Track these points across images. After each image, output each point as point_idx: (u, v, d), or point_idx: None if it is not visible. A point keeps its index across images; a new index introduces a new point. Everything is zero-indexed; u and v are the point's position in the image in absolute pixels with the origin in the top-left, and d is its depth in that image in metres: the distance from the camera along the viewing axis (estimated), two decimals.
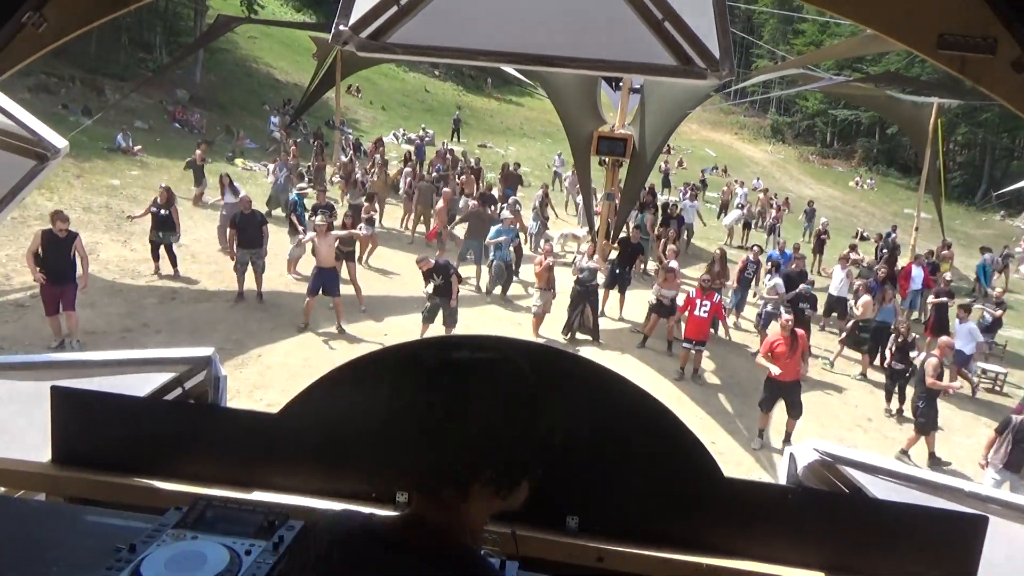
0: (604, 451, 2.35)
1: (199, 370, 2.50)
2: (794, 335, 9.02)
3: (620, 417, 2.34)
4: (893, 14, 2.07)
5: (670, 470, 2.32)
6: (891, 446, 9.55)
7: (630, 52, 2.21)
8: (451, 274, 10.46)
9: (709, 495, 2.30)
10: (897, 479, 2.31)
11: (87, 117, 20.60)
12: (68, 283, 9.13)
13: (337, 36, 2.26)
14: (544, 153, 34.15)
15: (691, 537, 2.31)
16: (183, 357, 2.52)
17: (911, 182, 43.20)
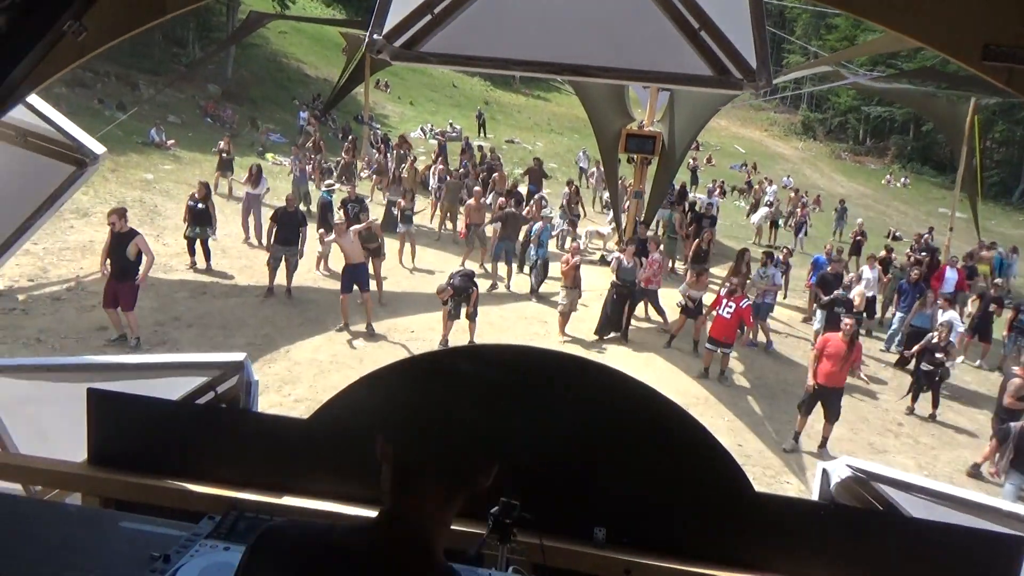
0: (632, 463, 2.34)
1: (231, 375, 2.54)
2: (852, 341, 8.88)
3: (650, 429, 2.33)
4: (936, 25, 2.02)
5: (699, 484, 2.30)
6: (923, 452, 9.39)
7: (665, 62, 2.19)
8: (471, 289, 10.45)
9: (739, 510, 2.28)
10: (932, 497, 2.27)
11: (122, 112, 20.93)
12: (126, 280, 9.13)
13: (371, 45, 2.27)
14: (571, 149, 34.01)
15: (720, 551, 2.29)
16: (216, 362, 2.56)
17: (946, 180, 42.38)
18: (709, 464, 2.32)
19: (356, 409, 2.45)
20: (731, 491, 2.28)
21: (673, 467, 2.33)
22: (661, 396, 2.36)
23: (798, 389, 10.69)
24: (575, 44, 2.20)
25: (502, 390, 2.42)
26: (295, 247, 11.53)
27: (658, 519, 2.31)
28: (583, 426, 2.35)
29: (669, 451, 2.32)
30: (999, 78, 2.03)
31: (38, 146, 2.46)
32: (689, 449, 2.31)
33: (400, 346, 10.32)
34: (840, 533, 2.21)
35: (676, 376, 10.55)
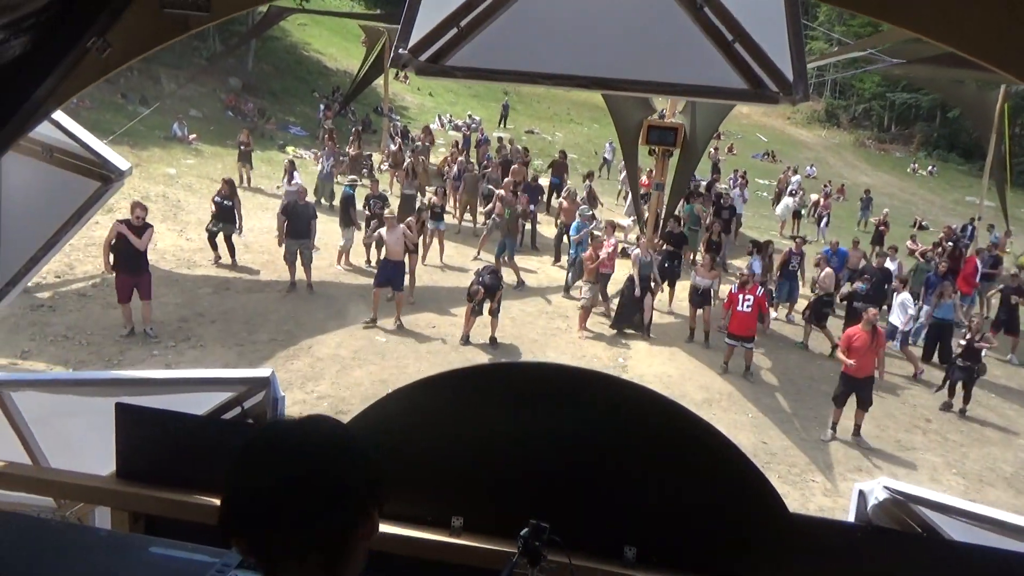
0: (663, 482, 2.30)
1: (258, 390, 2.53)
2: (875, 330, 8.94)
3: (680, 448, 2.29)
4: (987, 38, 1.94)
5: (732, 503, 2.26)
6: (951, 449, 9.25)
7: (697, 74, 2.12)
8: (499, 286, 10.45)
9: (772, 531, 2.23)
10: (974, 520, 2.21)
11: (144, 106, 21.10)
12: (143, 273, 9.36)
13: (397, 60, 2.23)
14: (591, 139, 33.83)
15: (753, 573, 2.25)
16: (243, 377, 2.55)
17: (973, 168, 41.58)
18: (742, 484, 2.28)
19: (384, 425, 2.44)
20: (765, 511, 2.24)
21: (704, 486, 2.29)
22: (691, 414, 2.32)
23: (824, 384, 10.61)
24: (604, 57, 2.14)
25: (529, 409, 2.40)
26: (308, 240, 11.56)
27: (689, 539, 2.28)
28: (612, 445, 2.32)
29: (700, 470, 2.28)
30: None
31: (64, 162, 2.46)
32: (721, 468, 2.27)
33: (421, 341, 10.33)
34: (878, 556, 2.16)
35: (700, 371, 10.48)
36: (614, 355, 10.74)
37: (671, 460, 2.29)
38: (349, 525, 1.03)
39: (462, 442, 2.40)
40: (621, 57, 2.14)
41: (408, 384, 2.40)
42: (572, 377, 2.44)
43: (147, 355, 8.91)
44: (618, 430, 2.30)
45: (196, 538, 2.11)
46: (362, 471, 1.06)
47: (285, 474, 1.00)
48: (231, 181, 12.63)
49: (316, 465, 1.01)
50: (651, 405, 2.33)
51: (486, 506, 2.37)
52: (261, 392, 2.53)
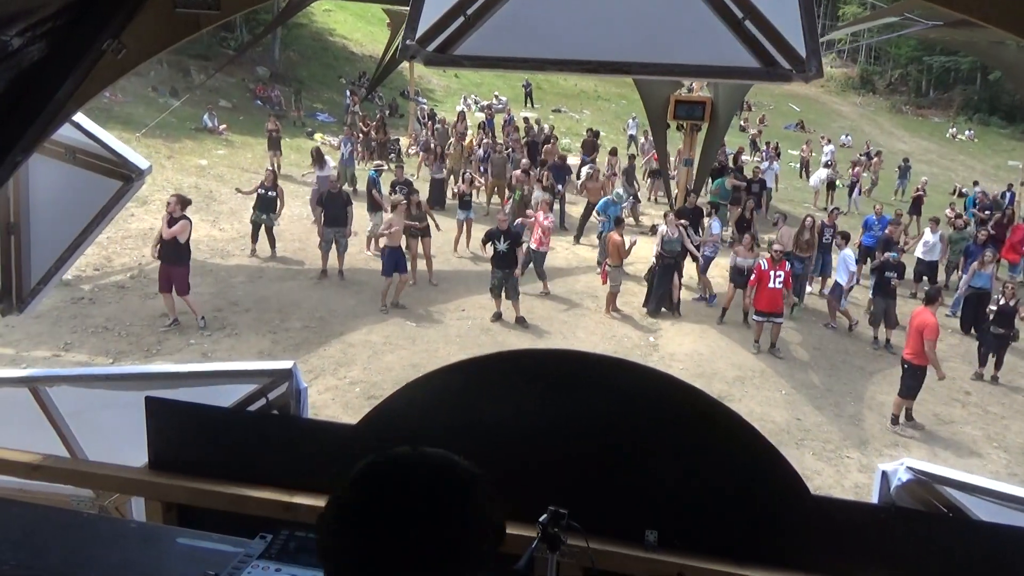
0: (684, 465, 2.30)
1: (281, 382, 2.58)
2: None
3: (699, 431, 2.29)
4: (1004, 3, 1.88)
5: (753, 486, 2.25)
6: (992, 422, 9.05)
7: (709, 55, 2.09)
8: (520, 242, 10.46)
9: (794, 512, 2.22)
10: (1001, 499, 2.17)
11: (175, 98, 21.40)
12: (178, 265, 9.47)
13: (405, 50, 2.23)
14: (619, 116, 33.45)
15: (775, 555, 2.25)
16: (266, 369, 2.61)
17: (1015, 131, 40.33)
18: (763, 466, 2.27)
19: (403, 413, 2.47)
20: (786, 493, 2.23)
21: (725, 469, 2.29)
22: (708, 396, 2.31)
23: (858, 359, 10.46)
24: (613, 40, 2.12)
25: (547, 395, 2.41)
26: (344, 228, 11.67)
27: (711, 522, 2.28)
28: (631, 429, 2.32)
29: (720, 453, 2.28)
30: None
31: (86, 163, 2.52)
32: (741, 450, 2.26)
33: (451, 326, 10.40)
34: (903, 537, 2.14)
35: (731, 349, 10.39)
36: (644, 334, 10.70)
37: (690, 443, 2.29)
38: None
39: (481, 429, 2.42)
40: (630, 40, 2.11)
41: (425, 374, 2.42)
42: (589, 362, 2.45)
43: (184, 344, 9.11)
44: (636, 414, 2.31)
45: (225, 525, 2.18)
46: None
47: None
48: (273, 171, 12.79)
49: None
50: (668, 388, 2.32)
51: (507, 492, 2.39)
52: (284, 383, 2.58)
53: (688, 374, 9.40)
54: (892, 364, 10.40)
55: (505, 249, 10.40)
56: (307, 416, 2.72)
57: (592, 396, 2.32)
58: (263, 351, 8.93)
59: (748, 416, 8.38)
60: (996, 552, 2.07)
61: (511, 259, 10.43)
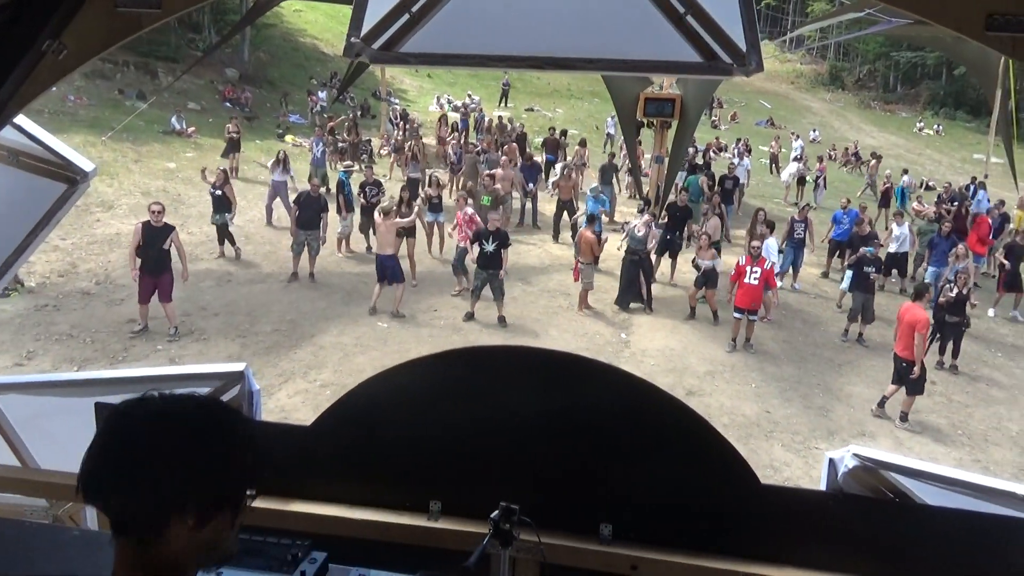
0: (637, 459, 2.32)
1: (233, 384, 2.56)
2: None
3: (651, 425, 2.30)
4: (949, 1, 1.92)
5: (705, 477, 2.27)
6: (956, 410, 9.21)
7: (652, 50, 2.10)
8: (506, 244, 10.46)
9: (745, 502, 2.25)
10: (945, 484, 2.21)
11: (142, 101, 21.10)
12: (163, 273, 9.35)
13: (349, 48, 2.22)
14: (592, 115, 33.58)
15: (728, 545, 2.27)
16: (217, 372, 2.58)
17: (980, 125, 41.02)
18: (713, 458, 2.29)
19: (358, 412, 2.46)
20: (737, 483, 2.25)
21: (677, 462, 2.31)
22: (662, 391, 2.33)
23: (827, 351, 10.60)
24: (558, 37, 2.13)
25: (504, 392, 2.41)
26: (317, 231, 11.60)
27: (665, 515, 2.30)
28: (584, 424, 2.33)
29: (672, 446, 2.30)
30: (1003, 48, 1.95)
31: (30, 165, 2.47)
32: (693, 443, 2.28)
33: (423, 326, 10.37)
34: (851, 523, 2.17)
35: (702, 344, 10.48)
36: (616, 331, 10.75)
37: (643, 436, 2.31)
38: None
39: (438, 427, 2.42)
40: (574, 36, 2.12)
41: (379, 372, 2.42)
42: (541, 358, 2.45)
43: (151, 350, 8.99)
44: (589, 409, 2.32)
45: None
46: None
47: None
48: (224, 171, 12.69)
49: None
50: (620, 383, 2.34)
51: (464, 490, 2.39)
52: (236, 386, 2.55)
53: (659, 369, 9.48)
54: (860, 356, 10.59)
55: (492, 250, 10.41)
56: (260, 418, 2.70)
57: (544, 392, 2.33)
58: (232, 356, 8.84)
59: (719, 410, 8.51)
60: (940, 534, 2.11)
61: (497, 260, 10.43)
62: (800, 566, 2.20)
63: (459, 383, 2.43)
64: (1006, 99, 18.83)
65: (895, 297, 13.26)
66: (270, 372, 8.59)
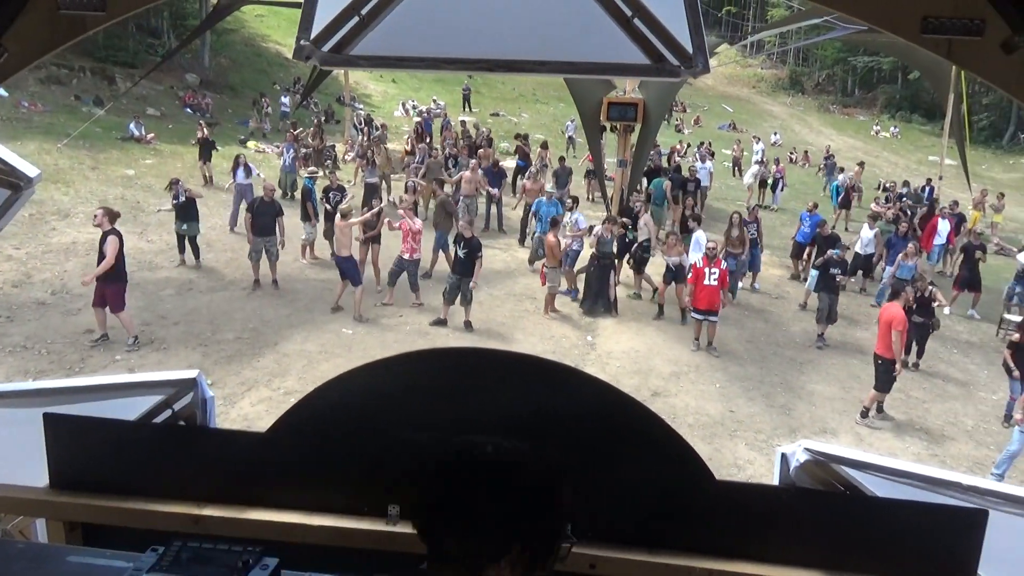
0: (594, 458, 2.33)
1: (186, 392, 2.52)
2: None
3: (609, 424, 2.32)
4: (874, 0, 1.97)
5: (660, 475, 2.29)
6: (914, 406, 9.42)
7: (600, 52, 2.12)
8: (477, 253, 10.42)
9: (701, 498, 2.28)
10: (893, 476, 2.26)
11: (99, 107, 20.71)
12: (110, 282, 9.05)
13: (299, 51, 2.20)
14: (557, 119, 33.73)
15: (684, 541, 2.29)
16: (169, 380, 2.54)
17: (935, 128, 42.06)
18: (670, 454, 2.31)
19: (314, 417, 2.44)
20: (692, 480, 2.28)
21: (634, 460, 2.32)
22: (618, 391, 2.35)
23: (789, 350, 10.77)
24: (508, 39, 2.14)
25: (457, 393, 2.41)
26: (274, 237, 11.47)
27: (622, 513, 2.31)
28: (540, 424, 2.34)
29: (629, 444, 2.31)
30: (940, 51, 2.00)
31: None
32: (649, 441, 2.30)
33: (388, 332, 10.31)
34: (802, 516, 2.21)
35: (667, 345, 10.58)
36: (582, 334, 10.80)
37: (599, 436, 2.32)
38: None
39: (395, 429, 2.41)
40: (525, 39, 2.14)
41: (334, 377, 2.40)
42: (501, 360, 2.46)
43: (109, 360, 8.81)
44: (545, 409, 2.32)
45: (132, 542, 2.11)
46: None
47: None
48: (176, 180, 12.42)
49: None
50: (575, 382, 2.35)
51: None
52: (189, 393, 2.52)
53: (625, 371, 9.55)
54: (821, 355, 10.78)
55: (463, 255, 10.39)
56: (214, 426, 2.66)
57: (500, 392, 2.33)
58: (193, 365, 8.68)
59: (684, 410, 8.58)
60: (890, 525, 2.16)
61: (468, 266, 10.40)
62: (754, 559, 2.24)
63: (415, 385, 2.42)
64: (958, 103, 19.37)
65: (855, 297, 13.56)
66: (233, 381, 8.47)
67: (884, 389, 8.87)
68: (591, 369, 9.35)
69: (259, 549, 1.79)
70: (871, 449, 8.03)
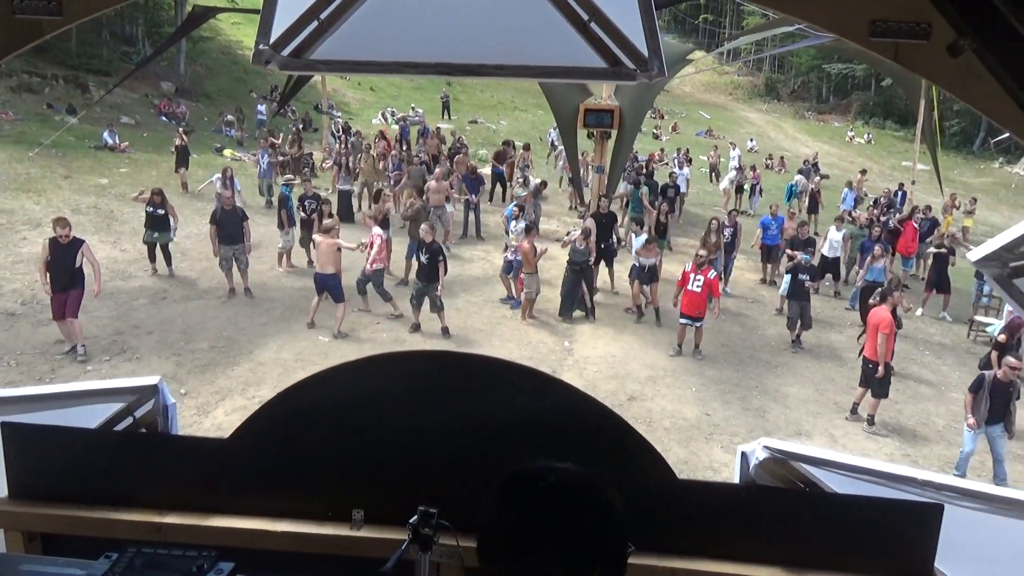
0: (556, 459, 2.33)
1: (147, 399, 2.50)
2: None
3: (570, 425, 2.33)
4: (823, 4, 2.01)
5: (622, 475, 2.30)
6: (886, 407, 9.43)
7: (558, 56, 2.15)
8: (439, 259, 10.39)
9: (663, 497, 2.29)
10: (851, 472, 2.29)
11: (72, 116, 20.48)
12: (71, 289, 9.02)
13: (258, 56, 2.20)
14: (536, 126, 33.86)
15: (647, 540, 2.30)
16: (131, 387, 2.51)
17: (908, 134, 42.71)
18: (633, 455, 2.33)
19: (276, 423, 2.43)
20: (654, 479, 2.30)
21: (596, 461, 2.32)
22: (581, 393, 2.36)
23: (764, 354, 10.87)
24: (467, 43, 2.16)
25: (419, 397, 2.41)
26: (242, 244, 11.39)
27: None
28: (503, 426, 2.34)
29: (590, 445, 2.33)
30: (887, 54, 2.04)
31: None
32: (610, 441, 2.32)
33: (364, 340, 10.27)
34: (762, 513, 2.24)
35: (643, 350, 10.63)
36: (559, 339, 10.83)
37: (562, 437, 2.33)
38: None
39: (360, 434, 2.40)
40: (484, 43, 2.16)
41: (296, 382, 2.39)
42: (462, 362, 2.46)
43: (80, 371, 8.70)
44: (508, 411, 2.33)
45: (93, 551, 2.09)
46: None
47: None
48: (159, 191, 12.31)
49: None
50: (539, 384, 2.36)
51: (386, 497, 2.38)
52: (151, 400, 2.49)
53: (602, 376, 9.58)
54: (796, 358, 10.89)
55: (425, 261, 10.39)
56: (176, 432, 2.64)
57: (463, 395, 2.34)
58: (166, 374, 8.59)
59: (660, 414, 8.62)
60: (848, 521, 2.20)
61: (432, 272, 10.39)
62: (716, 557, 2.26)
63: (378, 389, 2.42)
64: (930, 109, 19.68)
65: (829, 300, 13.72)
66: (207, 390, 8.39)
67: (882, 394, 8.95)
68: (568, 375, 9.38)
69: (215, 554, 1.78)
70: (844, 450, 8.11)
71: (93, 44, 26.29)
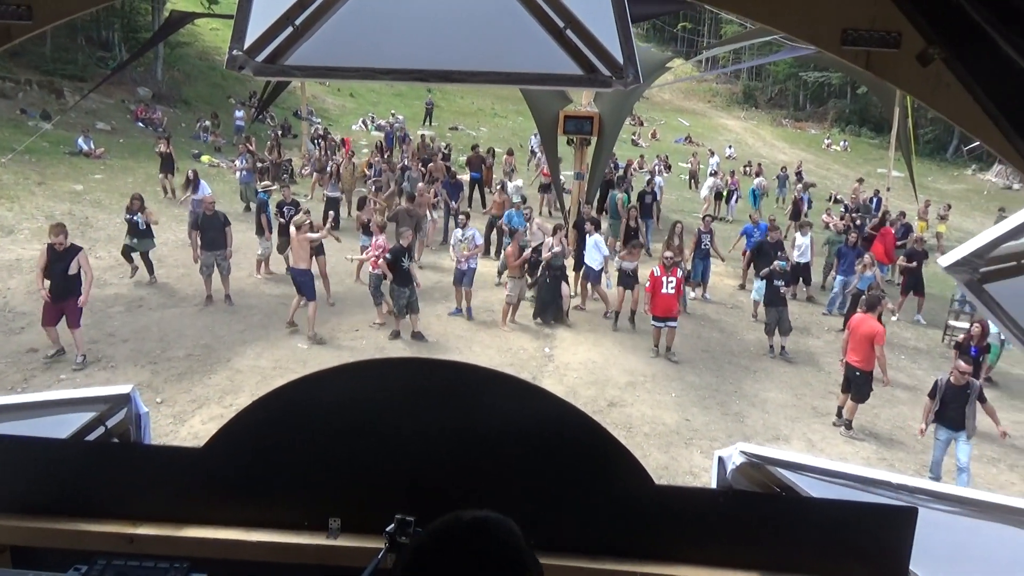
0: (532, 465, 2.34)
1: (119, 408, 2.46)
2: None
3: (547, 431, 2.33)
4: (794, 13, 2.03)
5: (600, 481, 2.31)
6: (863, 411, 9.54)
7: (534, 63, 2.15)
8: (411, 259, 10.37)
9: (640, 503, 2.30)
10: (826, 476, 2.31)
11: (46, 121, 20.21)
12: (69, 298, 8.91)
13: (232, 61, 2.18)
14: (516, 133, 33.95)
15: (625, 546, 2.31)
16: (102, 396, 2.48)
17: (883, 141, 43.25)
18: (610, 460, 2.33)
19: (250, 432, 2.41)
20: (632, 485, 2.30)
21: (572, 467, 2.34)
22: (559, 399, 2.36)
23: (743, 359, 10.94)
24: (443, 50, 2.16)
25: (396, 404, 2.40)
26: (223, 250, 11.29)
27: (562, 520, 2.32)
28: (480, 432, 2.34)
29: (567, 451, 2.33)
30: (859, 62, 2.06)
31: None
32: (587, 448, 2.32)
33: (344, 347, 10.21)
34: (739, 518, 2.25)
35: (623, 356, 10.66)
36: (540, 345, 10.82)
37: (540, 444, 2.33)
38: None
39: (336, 442, 2.38)
40: (459, 50, 2.16)
41: (271, 390, 2.37)
42: (437, 369, 2.45)
43: (54, 380, 8.56)
44: (485, 418, 2.33)
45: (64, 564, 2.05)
46: None
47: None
48: (139, 196, 12.18)
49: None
50: (516, 390, 2.36)
51: (364, 505, 2.36)
52: (123, 409, 2.46)
53: (582, 382, 9.59)
54: (775, 363, 10.96)
55: (407, 267, 10.38)
56: (149, 442, 2.60)
57: (440, 401, 2.33)
58: (142, 383, 8.48)
59: (640, 419, 8.64)
60: (824, 525, 2.21)
61: (406, 275, 10.38)
62: (693, 563, 2.27)
63: (355, 396, 2.40)
64: (905, 117, 19.98)
65: (805, 306, 13.85)
66: (183, 398, 8.29)
67: (861, 399, 9.03)
68: (549, 381, 9.39)
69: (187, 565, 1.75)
70: (822, 454, 8.18)
71: (68, 49, 25.99)
